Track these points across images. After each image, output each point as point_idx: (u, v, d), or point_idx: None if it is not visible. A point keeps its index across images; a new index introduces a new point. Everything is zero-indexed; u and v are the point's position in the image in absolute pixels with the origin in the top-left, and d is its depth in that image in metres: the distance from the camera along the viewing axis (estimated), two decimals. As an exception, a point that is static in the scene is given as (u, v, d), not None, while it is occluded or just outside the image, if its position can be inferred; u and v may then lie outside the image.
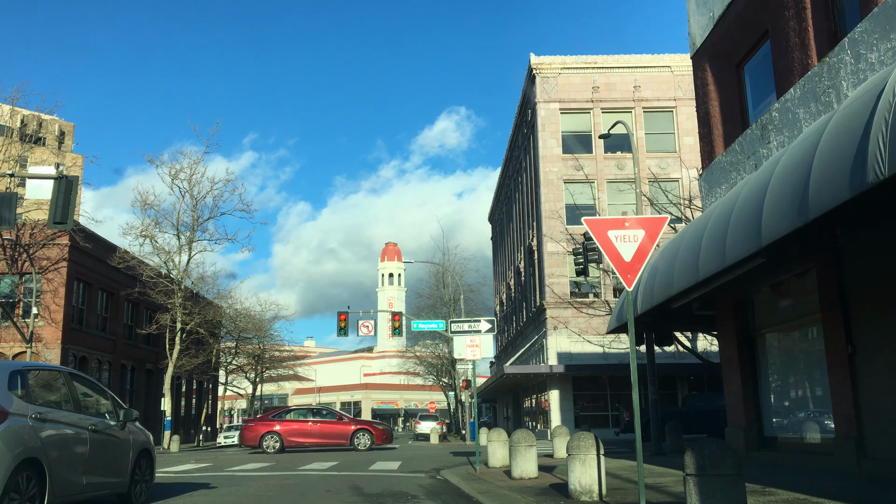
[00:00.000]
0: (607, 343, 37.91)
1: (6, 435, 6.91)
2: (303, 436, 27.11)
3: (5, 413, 7.03)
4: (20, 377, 7.71)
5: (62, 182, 16.78)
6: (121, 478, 9.04)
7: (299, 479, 13.54)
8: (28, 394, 7.67)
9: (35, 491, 7.21)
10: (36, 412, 7.53)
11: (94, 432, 8.44)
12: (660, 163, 39.05)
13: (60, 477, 7.62)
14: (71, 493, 7.89)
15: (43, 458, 7.32)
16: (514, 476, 12.31)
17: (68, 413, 8.21)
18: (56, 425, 7.82)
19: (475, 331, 14.67)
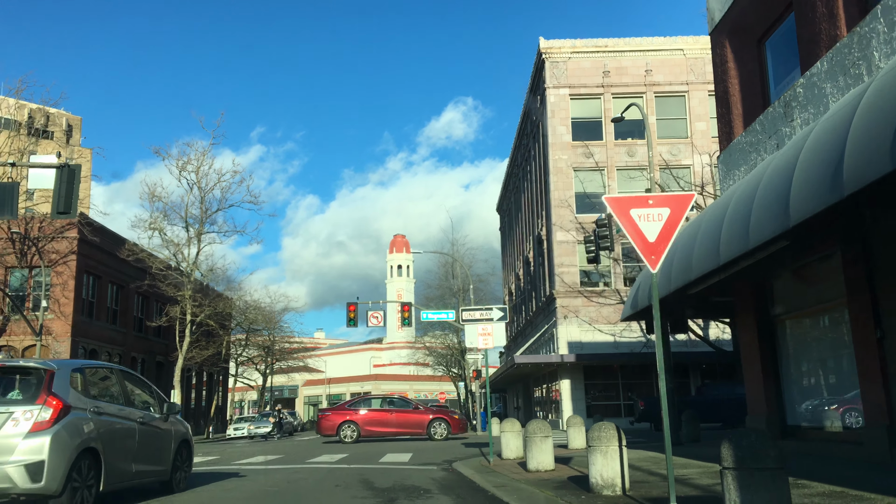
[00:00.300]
0: (618, 332, 37.47)
1: (69, 427, 7.73)
2: (380, 425, 26.56)
3: (68, 407, 7.82)
4: (80, 374, 8.46)
5: (65, 171, 16.45)
6: (164, 466, 9.86)
7: (307, 473, 13.21)
8: (86, 389, 8.45)
9: (93, 477, 8.05)
10: (93, 406, 8.34)
11: (141, 424, 9.27)
12: (671, 149, 38.46)
13: (114, 465, 8.44)
14: (122, 480, 8.75)
15: (99, 448, 8.14)
16: (530, 468, 11.93)
17: (120, 407, 9.03)
18: (110, 418, 8.60)
19: (487, 319, 14.28)
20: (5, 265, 36.51)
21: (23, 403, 7.75)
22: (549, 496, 8.78)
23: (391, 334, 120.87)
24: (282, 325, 60.20)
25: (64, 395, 7.88)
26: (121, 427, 8.83)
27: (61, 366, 8.27)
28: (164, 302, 43.00)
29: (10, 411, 7.63)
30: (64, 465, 7.52)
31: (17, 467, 7.32)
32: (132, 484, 9.12)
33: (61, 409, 7.73)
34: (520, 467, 12.77)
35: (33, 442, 7.45)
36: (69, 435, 7.70)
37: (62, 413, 7.73)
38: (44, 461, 7.39)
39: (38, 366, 8.20)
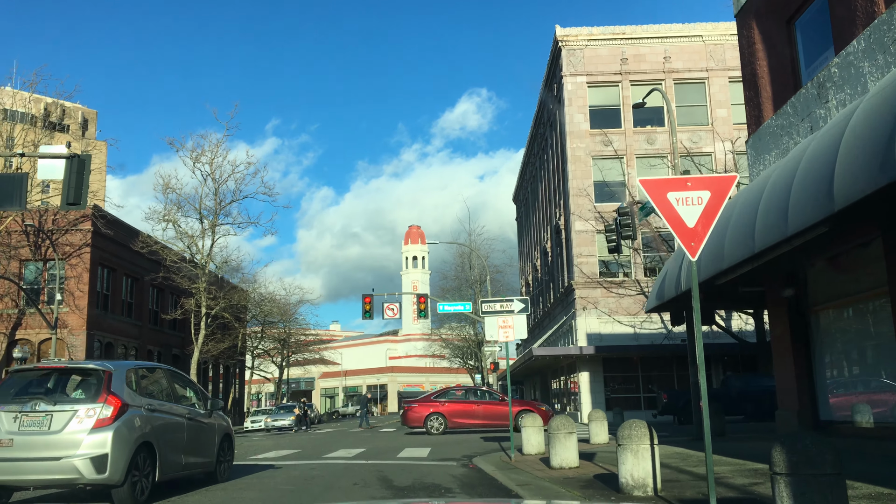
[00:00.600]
0: (638, 323, 36.86)
1: (128, 423, 8.42)
2: (466, 417, 25.86)
3: (126, 405, 8.49)
4: (133, 374, 9.15)
5: (74, 161, 16.14)
6: (209, 458, 10.59)
7: (324, 469, 12.83)
8: (140, 388, 9.11)
9: (149, 468, 8.75)
10: (147, 404, 9.02)
11: (189, 420, 10.00)
12: (692, 136, 37.70)
13: (167, 457, 9.16)
14: (174, 471, 9.47)
15: (154, 442, 8.85)
16: (554, 465, 11.48)
17: (170, 404, 9.73)
18: (161, 414, 9.31)
19: (507, 311, 13.80)
20: (20, 258, 36.44)
21: (86, 402, 8.39)
22: (575, 496, 8.34)
23: (407, 326, 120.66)
24: (297, 318, 60.01)
25: (122, 394, 8.55)
26: (171, 422, 9.51)
27: (117, 367, 8.94)
28: (179, 294, 42.86)
29: (75, 409, 8.29)
30: (125, 457, 8.22)
31: (83, 460, 7.99)
32: (182, 475, 9.87)
33: (120, 407, 8.41)
34: (542, 464, 12.33)
35: (97, 437, 8.11)
36: (128, 430, 8.38)
37: (121, 410, 8.40)
38: (107, 454, 8.06)
39: (97, 367, 8.82)
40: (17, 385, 8.85)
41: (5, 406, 8.36)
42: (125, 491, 8.25)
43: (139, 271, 41.34)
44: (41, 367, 9.41)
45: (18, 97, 39.08)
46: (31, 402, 8.34)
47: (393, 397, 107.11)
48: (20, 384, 8.88)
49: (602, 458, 12.92)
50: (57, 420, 8.22)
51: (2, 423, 8.24)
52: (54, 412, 8.26)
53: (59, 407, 8.31)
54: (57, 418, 8.23)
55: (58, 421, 8.21)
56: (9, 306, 36.31)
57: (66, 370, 9.17)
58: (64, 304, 35.82)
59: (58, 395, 8.58)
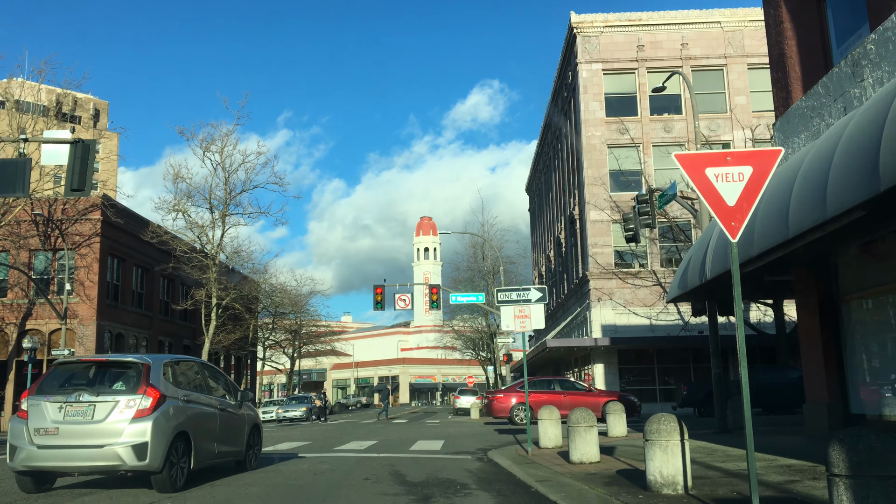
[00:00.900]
0: (654, 315, 36.28)
1: (166, 413, 8.83)
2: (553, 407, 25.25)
3: (164, 396, 8.91)
4: (170, 367, 9.54)
5: (78, 146, 15.73)
6: (239, 447, 11.07)
7: (334, 463, 12.40)
8: (176, 380, 9.52)
9: (185, 456, 9.16)
10: (183, 395, 9.42)
11: (220, 411, 10.40)
12: (710, 124, 36.94)
13: (201, 446, 9.58)
14: (207, 459, 9.87)
15: (190, 431, 9.27)
16: (573, 460, 10.99)
17: (203, 395, 10.11)
18: (196, 405, 9.70)
19: (524, 300, 13.29)
20: (29, 248, 36.23)
21: (126, 393, 8.77)
22: (600, 494, 7.84)
23: (418, 318, 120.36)
24: (308, 308, 59.72)
25: (159, 385, 8.95)
26: (205, 413, 9.91)
27: (155, 360, 9.33)
28: (190, 285, 42.57)
29: (117, 400, 8.68)
30: (163, 446, 8.62)
31: (125, 448, 8.41)
32: (215, 463, 10.31)
33: (159, 398, 8.80)
34: (561, 458, 11.85)
35: (137, 426, 8.51)
36: (166, 420, 8.77)
37: (160, 402, 8.80)
38: (147, 442, 8.45)
39: (136, 360, 9.24)
40: (61, 377, 9.21)
41: (51, 397, 8.74)
42: (164, 477, 8.67)
43: (149, 261, 41.09)
44: (83, 360, 9.74)
45: (29, 88, 38.83)
46: (76, 393, 8.73)
47: (404, 389, 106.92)
48: (64, 376, 9.23)
49: (623, 453, 12.42)
50: (100, 410, 8.63)
51: (48, 413, 8.64)
52: (97, 402, 8.66)
53: (102, 398, 8.70)
54: (100, 408, 8.63)
55: (100, 411, 8.62)
56: (19, 296, 36.15)
57: (106, 363, 9.54)
58: (74, 295, 35.63)
59: (100, 386, 8.96)
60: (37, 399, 8.77)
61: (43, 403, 8.69)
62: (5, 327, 36.08)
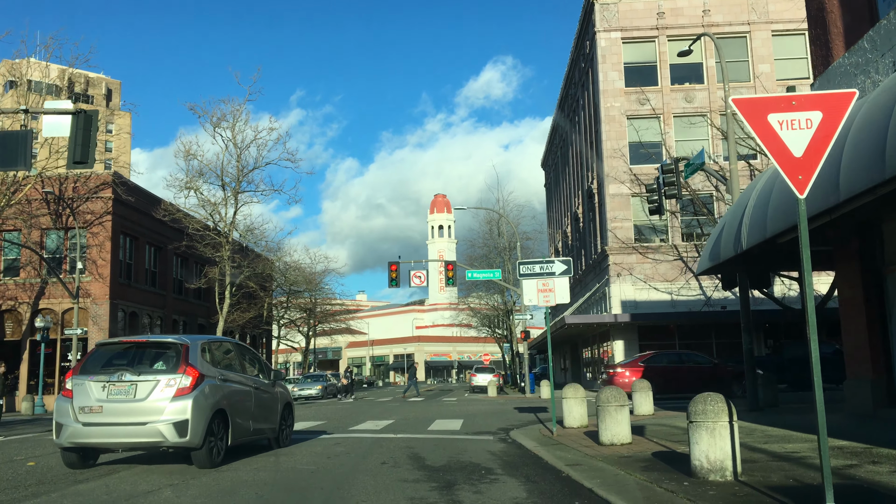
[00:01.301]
0: (675, 290, 35.49)
1: (204, 392, 9.08)
2: (677, 382, 23.44)
3: (202, 376, 9.15)
4: (207, 348, 9.83)
5: (80, 117, 15.11)
6: (273, 424, 11.28)
7: (349, 445, 11.81)
8: (213, 360, 9.80)
9: (223, 433, 9.41)
10: (220, 374, 9.68)
11: (255, 389, 10.68)
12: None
13: (238, 423, 9.83)
14: (243, 436, 10.14)
15: (227, 409, 9.54)
16: (604, 441, 10.33)
17: (239, 374, 10.40)
18: (232, 384, 9.98)
19: (548, 273, 12.57)
20: (40, 227, 35.86)
21: (166, 373, 9.02)
22: (640, 481, 7.18)
23: (433, 296, 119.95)
24: (323, 287, 59.29)
25: (198, 365, 9.19)
26: (241, 391, 10.17)
27: (193, 340, 9.61)
28: (203, 263, 42.12)
29: (158, 379, 8.93)
30: (203, 423, 8.87)
31: (167, 425, 8.67)
32: (250, 440, 10.60)
33: (198, 378, 9.04)
34: (589, 439, 11.20)
35: (178, 405, 8.76)
36: (205, 398, 9.02)
37: (198, 381, 9.04)
38: (188, 420, 8.71)
39: (175, 341, 9.54)
40: (103, 357, 9.46)
41: (94, 376, 9.02)
42: (203, 453, 8.91)
43: (162, 240, 40.66)
44: (124, 341, 10.08)
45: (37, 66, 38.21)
46: (118, 373, 9.01)
47: (420, 367, 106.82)
48: (105, 357, 9.50)
49: (654, 433, 11.75)
50: (141, 389, 8.89)
51: (92, 392, 8.92)
52: (139, 382, 8.93)
53: (143, 377, 8.97)
54: (141, 387, 8.90)
55: (142, 390, 8.88)
56: (31, 275, 35.86)
57: (146, 344, 10.02)
58: (86, 273, 35.27)
59: (140, 366, 9.23)
60: (81, 378, 9.06)
61: (87, 383, 8.98)
62: (18, 307, 35.83)
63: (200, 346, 9.57)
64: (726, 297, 35.69)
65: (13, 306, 35.90)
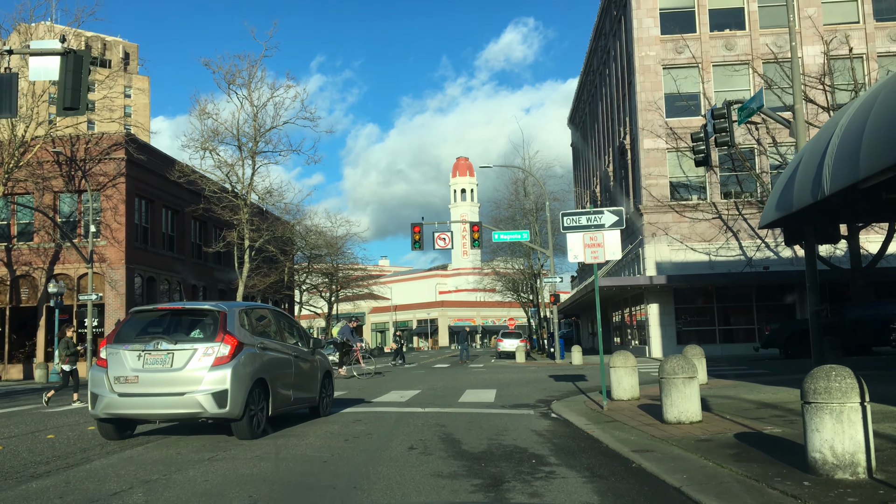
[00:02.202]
0: (713, 250, 33.62)
1: (244, 360, 8.65)
2: None
3: (241, 344, 8.71)
4: (245, 315, 9.36)
5: (69, 58, 13.59)
6: (313, 394, 10.87)
7: (370, 423, 10.37)
8: (252, 327, 9.34)
9: (263, 403, 9.02)
10: (259, 342, 9.24)
11: (295, 357, 10.24)
12: (776, 40, 33.44)
13: (278, 393, 9.45)
14: (284, 405, 9.78)
15: (268, 378, 9.11)
16: (669, 419, 8.77)
17: (278, 342, 9.94)
18: (272, 352, 9.51)
19: (596, 225, 10.93)
20: (53, 190, 34.72)
21: (204, 341, 8.57)
22: (740, 477, 5.61)
23: (456, 260, 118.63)
24: (345, 251, 57.99)
25: (236, 333, 8.75)
26: (281, 360, 9.71)
27: (230, 307, 9.11)
28: (223, 227, 40.85)
29: (195, 348, 8.49)
30: (243, 393, 8.48)
31: (205, 395, 8.27)
32: (291, 409, 10.21)
33: (237, 346, 8.61)
34: (647, 414, 9.66)
35: (217, 374, 8.34)
36: (244, 368, 8.60)
37: (238, 349, 8.60)
38: (227, 390, 8.30)
39: (212, 308, 9.02)
40: (138, 325, 9.05)
41: (129, 345, 8.60)
42: (244, 424, 8.52)
43: (179, 203, 39.39)
44: (159, 308, 9.58)
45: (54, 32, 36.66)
46: (153, 342, 8.58)
47: (444, 332, 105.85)
48: (140, 324, 9.08)
49: (722, 407, 10.17)
50: (178, 358, 8.46)
51: (127, 361, 8.51)
52: (175, 351, 8.49)
53: (180, 346, 8.53)
54: (178, 356, 8.46)
55: (179, 359, 8.45)
56: (45, 240, 34.84)
57: (182, 311, 9.50)
58: (101, 237, 34.16)
59: (177, 334, 8.79)
60: (115, 347, 8.66)
61: (122, 352, 8.58)
62: (33, 272, 34.89)
63: (239, 314, 9.09)
64: (768, 258, 33.78)
65: (28, 272, 34.97)
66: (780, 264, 33.16)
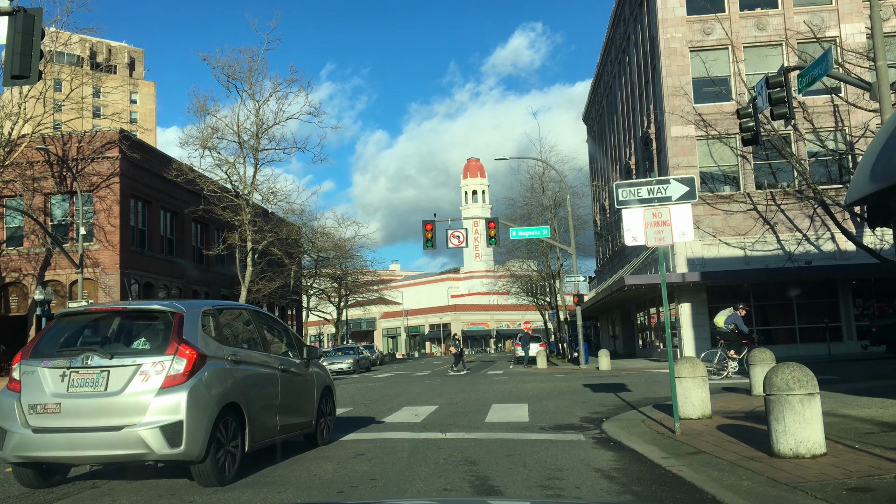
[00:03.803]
0: (749, 244, 31.16)
1: (207, 379, 6.50)
2: None
3: (203, 356, 6.56)
4: (212, 317, 7.25)
5: (18, 18, 11.43)
6: (308, 417, 8.72)
7: (377, 457, 8.10)
8: (220, 334, 7.21)
9: (236, 436, 6.84)
10: (231, 354, 7.09)
11: (282, 372, 8.08)
12: (812, 17, 31.03)
13: (258, 420, 7.28)
14: (267, 436, 7.55)
15: (242, 402, 6.97)
16: (782, 451, 6.45)
17: (258, 353, 7.83)
18: (249, 367, 7.39)
19: (660, 198, 8.66)
20: (44, 191, 32.74)
21: (151, 354, 6.50)
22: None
23: (468, 263, 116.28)
24: (354, 254, 55.82)
25: (197, 341, 6.69)
26: (261, 376, 7.64)
27: (191, 307, 7.07)
28: (225, 229, 38.75)
29: (138, 363, 6.37)
30: (205, 424, 6.36)
31: (151, 430, 6.11)
32: (277, 440, 7.93)
33: (196, 359, 6.52)
34: (737, 440, 7.37)
35: (167, 399, 6.24)
36: (207, 389, 6.54)
37: (198, 364, 6.53)
38: (182, 421, 6.18)
39: (164, 308, 6.87)
40: (65, 333, 6.87)
41: (50, 361, 6.47)
42: (208, 468, 6.39)
43: (178, 204, 37.31)
44: (94, 310, 7.29)
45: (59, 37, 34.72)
46: (82, 356, 6.47)
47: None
48: (68, 332, 6.89)
49: (834, 429, 7.80)
50: (115, 378, 6.34)
51: (46, 384, 6.40)
52: (111, 368, 6.36)
53: (118, 361, 6.41)
54: (115, 375, 6.35)
55: (116, 379, 6.33)
56: (35, 245, 32.85)
57: (125, 312, 7.11)
58: (94, 241, 32.14)
59: (115, 345, 6.66)
60: (31, 364, 6.50)
61: (40, 370, 6.43)
62: (23, 279, 32.88)
63: (202, 316, 6.97)
64: (808, 252, 31.33)
65: (18, 278, 32.96)
66: (821, 258, 30.72)
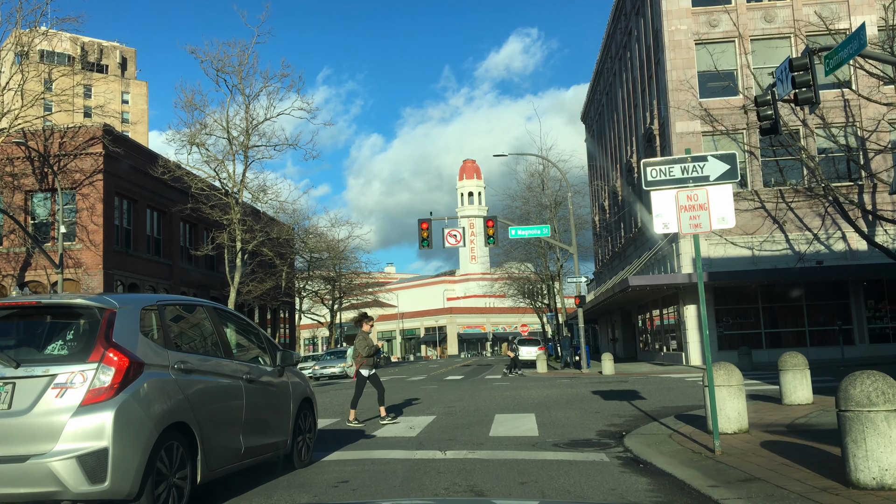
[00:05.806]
0: (757, 244, 30.04)
1: (143, 393, 5.10)
2: None
3: (139, 363, 5.18)
4: (155, 316, 5.74)
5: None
6: (282, 436, 7.27)
7: (364, 484, 6.86)
8: (166, 337, 5.72)
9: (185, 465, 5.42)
10: (179, 361, 5.65)
11: (249, 382, 6.61)
12: (822, 9, 29.90)
13: (214, 443, 5.83)
14: (228, 462, 6.10)
15: (192, 422, 5.54)
16: (862, 481, 5.24)
17: (216, 359, 6.30)
18: (204, 377, 5.96)
19: (696, 178, 7.45)
20: (24, 189, 31.42)
21: (69, 362, 5.00)
22: None
23: (464, 266, 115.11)
24: (348, 255, 54.52)
25: (132, 345, 5.21)
26: (220, 388, 6.17)
27: (125, 303, 5.47)
28: (215, 229, 37.45)
29: (51, 374, 4.92)
30: (139, 451, 4.92)
31: (65, 461, 4.66)
32: (242, 465, 6.41)
33: (128, 368, 5.05)
34: (793, 463, 6.17)
35: (88, 420, 4.80)
36: (144, 406, 5.07)
37: (130, 373, 5.05)
38: (106, 448, 4.77)
39: (89, 304, 5.27)
40: None
41: None
42: None
43: (165, 203, 36.01)
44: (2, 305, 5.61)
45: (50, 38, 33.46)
46: None
47: (453, 340, 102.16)
48: None
49: None
50: (21, 393, 4.94)
51: None
52: (17, 380, 4.98)
53: (26, 370, 4.99)
54: (21, 389, 4.94)
55: (23, 394, 4.93)
56: (15, 244, 31.52)
57: (38, 308, 5.55)
58: (77, 240, 30.83)
59: (25, 349, 5.27)
60: None
61: None
62: (2, 280, 31.54)
63: (139, 313, 5.51)
64: (818, 252, 30.19)
65: (-4, 279, 31.65)
66: (832, 258, 29.59)
